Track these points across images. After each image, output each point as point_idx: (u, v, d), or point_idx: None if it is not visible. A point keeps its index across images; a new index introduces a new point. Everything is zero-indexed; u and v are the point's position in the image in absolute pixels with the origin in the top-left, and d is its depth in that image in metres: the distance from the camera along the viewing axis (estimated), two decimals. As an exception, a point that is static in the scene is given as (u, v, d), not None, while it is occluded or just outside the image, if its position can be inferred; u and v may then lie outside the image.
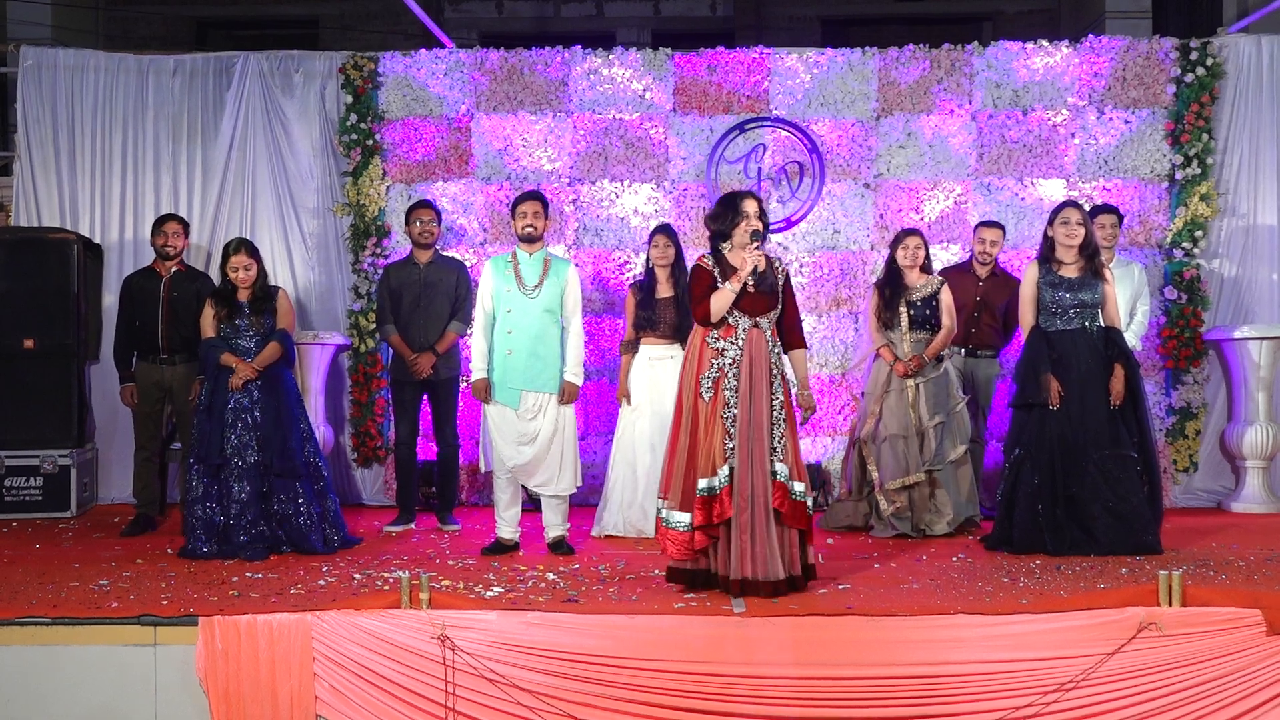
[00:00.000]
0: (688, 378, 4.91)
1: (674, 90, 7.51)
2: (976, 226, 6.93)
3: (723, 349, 4.84)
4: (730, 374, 4.80)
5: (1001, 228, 6.91)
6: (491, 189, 7.53)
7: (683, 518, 4.80)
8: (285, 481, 5.79)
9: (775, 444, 4.78)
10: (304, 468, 5.85)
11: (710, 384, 4.82)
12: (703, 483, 4.75)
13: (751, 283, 4.85)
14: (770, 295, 4.91)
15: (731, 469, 4.74)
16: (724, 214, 4.95)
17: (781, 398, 4.84)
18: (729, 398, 4.78)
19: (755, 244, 4.83)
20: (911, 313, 6.37)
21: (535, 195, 5.99)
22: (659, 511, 4.94)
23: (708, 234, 5.09)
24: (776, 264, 5.01)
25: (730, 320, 4.87)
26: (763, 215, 4.95)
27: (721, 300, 4.83)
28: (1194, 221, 7.29)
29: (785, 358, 5.01)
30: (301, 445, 5.89)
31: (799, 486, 4.79)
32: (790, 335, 5.03)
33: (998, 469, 6.97)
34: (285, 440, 5.80)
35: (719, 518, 4.72)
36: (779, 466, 4.76)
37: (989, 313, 6.82)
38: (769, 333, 4.89)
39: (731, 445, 4.75)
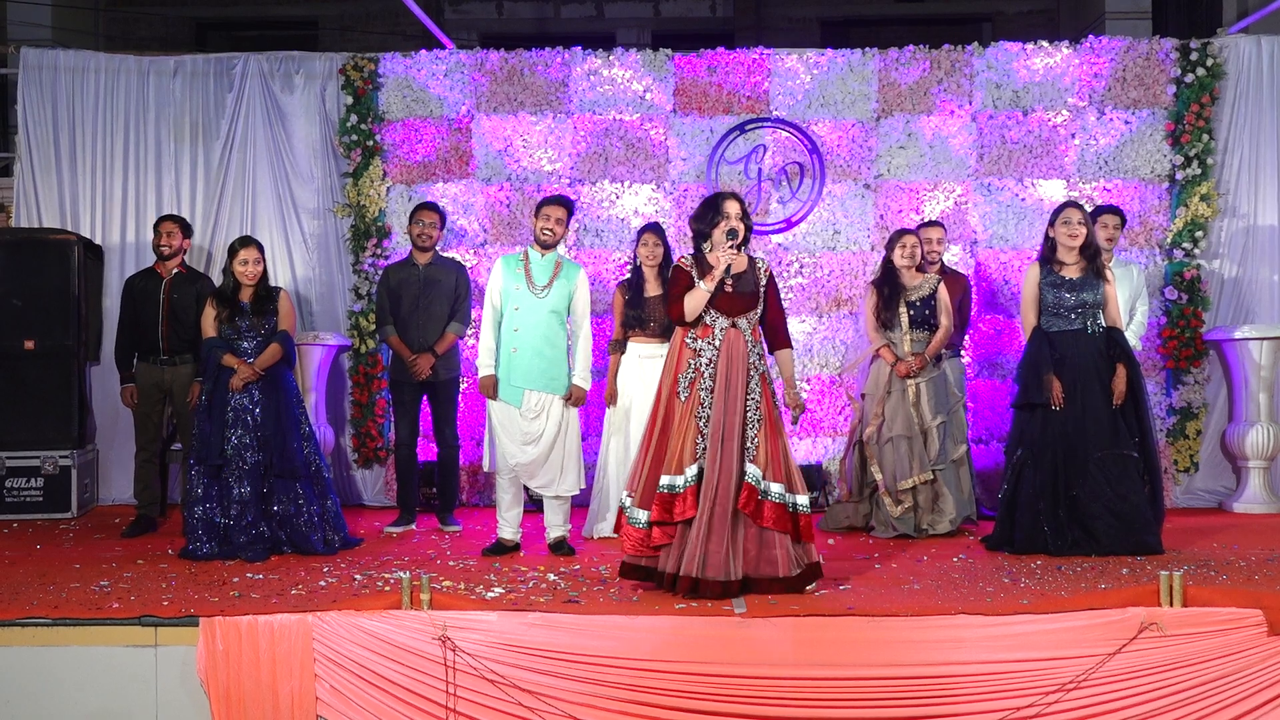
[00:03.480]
0: (666, 377, 4.93)
1: (674, 91, 7.51)
2: (919, 227, 6.87)
3: (699, 349, 4.85)
4: (706, 374, 4.80)
5: (943, 226, 6.90)
6: (492, 190, 7.53)
7: (642, 514, 4.81)
8: (285, 482, 5.79)
9: (748, 445, 4.76)
10: (304, 468, 5.85)
11: (686, 384, 4.83)
12: (664, 480, 4.75)
13: (729, 282, 4.84)
14: (750, 296, 4.90)
15: (701, 469, 4.74)
16: (705, 214, 4.96)
17: (758, 398, 4.81)
18: (704, 397, 4.78)
19: (730, 244, 4.82)
20: (911, 312, 6.37)
21: (563, 202, 5.89)
22: (622, 506, 4.95)
23: (690, 234, 5.10)
24: (759, 264, 5.00)
25: (707, 320, 4.87)
26: (745, 216, 4.93)
27: (695, 300, 4.83)
28: (1194, 222, 7.29)
29: (773, 358, 5.01)
30: (302, 446, 5.89)
31: (776, 488, 4.73)
32: (775, 336, 5.01)
33: (996, 469, 6.98)
34: (285, 441, 5.80)
35: (680, 516, 4.72)
36: (750, 468, 4.73)
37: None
38: (748, 333, 4.88)
39: (703, 446, 4.75)
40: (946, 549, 5.87)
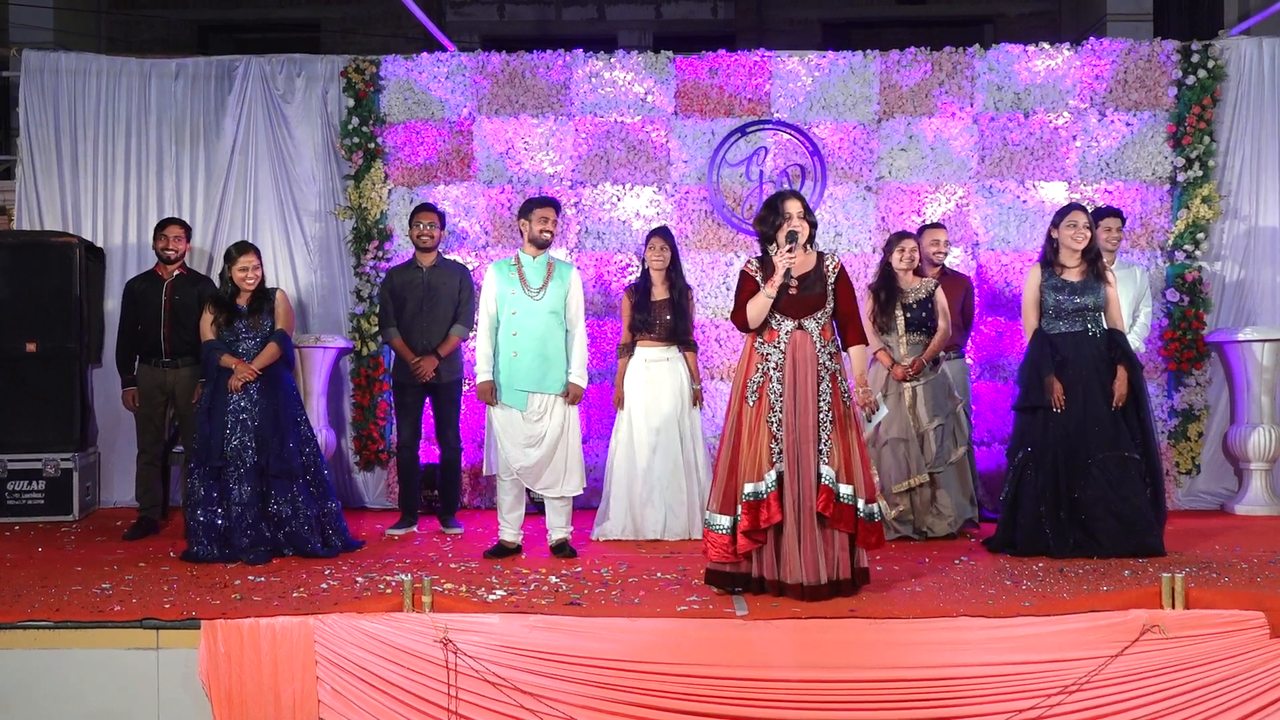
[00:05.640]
0: (735, 382, 4.91)
1: (675, 93, 7.51)
2: (921, 229, 6.84)
3: (766, 353, 4.82)
4: (774, 378, 4.78)
5: (944, 228, 6.89)
6: (493, 192, 7.53)
7: (723, 520, 4.78)
8: (282, 483, 5.78)
9: (822, 447, 4.73)
10: (301, 469, 5.85)
11: (755, 389, 4.80)
12: (748, 487, 4.71)
13: (794, 284, 4.82)
14: (816, 296, 4.85)
15: (780, 474, 4.71)
16: (767, 216, 4.91)
17: (830, 399, 4.77)
18: (774, 402, 4.76)
19: (789, 246, 4.78)
20: (908, 315, 6.36)
21: (552, 202, 5.98)
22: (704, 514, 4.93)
23: (757, 237, 5.06)
24: (828, 260, 4.93)
25: (773, 324, 4.84)
26: (808, 214, 4.89)
27: (757, 306, 4.81)
28: (1196, 224, 7.28)
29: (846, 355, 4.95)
30: (300, 447, 5.88)
31: (846, 489, 4.71)
32: (844, 333, 4.93)
33: (998, 471, 6.98)
34: (283, 441, 5.80)
35: (766, 523, 4.68)
36: (824, 469, 4.70)
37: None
38: (816, 334, 4.82)
39: (779, 450, 4.73)
40: (948, 551, 5.87)
